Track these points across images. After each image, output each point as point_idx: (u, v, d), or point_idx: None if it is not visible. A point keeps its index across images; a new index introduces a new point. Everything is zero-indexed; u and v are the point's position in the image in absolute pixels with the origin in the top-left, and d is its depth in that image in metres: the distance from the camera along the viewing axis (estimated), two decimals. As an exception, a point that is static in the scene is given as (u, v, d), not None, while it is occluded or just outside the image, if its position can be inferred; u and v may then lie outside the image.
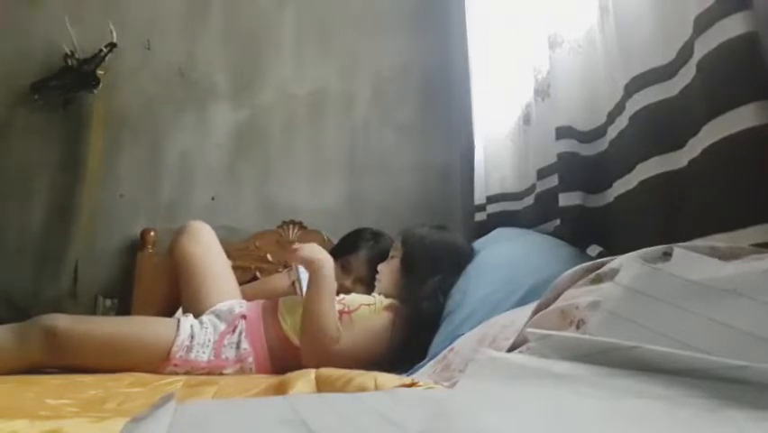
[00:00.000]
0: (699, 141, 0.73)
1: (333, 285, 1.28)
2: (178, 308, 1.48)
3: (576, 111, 1.17)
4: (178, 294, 1.46)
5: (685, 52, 0.79)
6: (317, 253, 1.31)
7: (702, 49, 0.71)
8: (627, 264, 0.55)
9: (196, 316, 1.35)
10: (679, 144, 0.81)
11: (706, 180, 0.73)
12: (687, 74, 0.78)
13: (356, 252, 1.60)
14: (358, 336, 1.20)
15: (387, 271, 1.41)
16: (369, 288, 1.49)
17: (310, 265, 1.28)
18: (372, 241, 1.64)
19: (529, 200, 1.47)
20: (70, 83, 2.15)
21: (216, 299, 1.41)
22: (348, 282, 1.54)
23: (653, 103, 0.87)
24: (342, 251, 1.59)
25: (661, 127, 0.85)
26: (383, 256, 1.55)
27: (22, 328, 1.16)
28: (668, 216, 0.84)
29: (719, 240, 0.67)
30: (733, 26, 0.67)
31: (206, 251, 1.47)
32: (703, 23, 0.71)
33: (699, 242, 0.64)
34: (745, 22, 0.66)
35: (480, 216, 1.79)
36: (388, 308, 1.29)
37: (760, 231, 0.64)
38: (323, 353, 1.04)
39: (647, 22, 0.88)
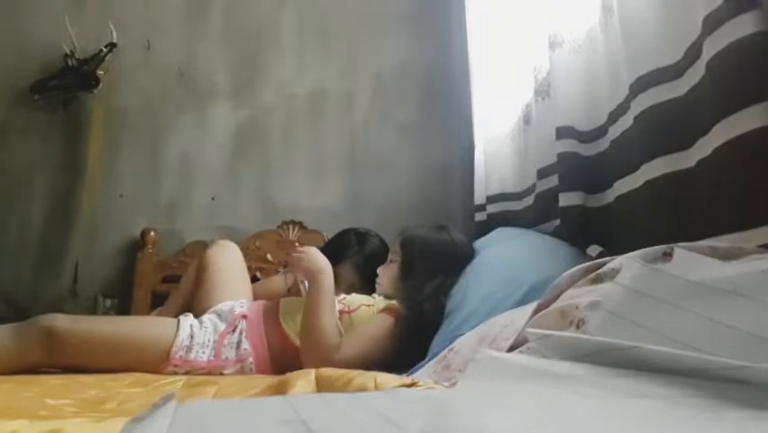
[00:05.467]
0: (709, 140, 0.73)
1: (332, 295, 1.28)
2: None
3: (576, 111, 1.17)
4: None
5: (693, 52, 0.79)
6: (318, 261, 1.31)
7: (711, 49, 0.71)
8: (628, 264, 0.55)
9: (199, 316, 1.35)
10: (686, 144, 0.81)
11: (716, 180, 0.72)
12: (695, 74, 0.78)
13: (341, 262, 1.56)
14: (358, 345, 1.19)
15: (386, 276, 1.41)
16: (364, 291, 1.48)
17: (310, 276, 1.28)
18: (357, 246, 1.62)
19: (529, 200, 1.47)
20: (70, 83, 2.15)
21: (221, 300, 1.42)
22: (342, 293, 1.51)
23: (660, 103, 0.86)
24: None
25: (667, 127, 0.85)
26: (371, 258, 1.54)
27: (22, 328, 1.16)
28: (675, 216, 0.83)
29: (729, 240, 0.67)
30: (742, 26, 0.67)
31: (226, 261, 1.54)
32: (712, 23, 0.71)
33: (701, 242, 0.64)
34: (755, 21, 0.66)
35: (480, 216, 1.79)
36: (387, 310, 1.29)
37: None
38: (324, 362, 1.04)
39: (653, 22, 0.88)
